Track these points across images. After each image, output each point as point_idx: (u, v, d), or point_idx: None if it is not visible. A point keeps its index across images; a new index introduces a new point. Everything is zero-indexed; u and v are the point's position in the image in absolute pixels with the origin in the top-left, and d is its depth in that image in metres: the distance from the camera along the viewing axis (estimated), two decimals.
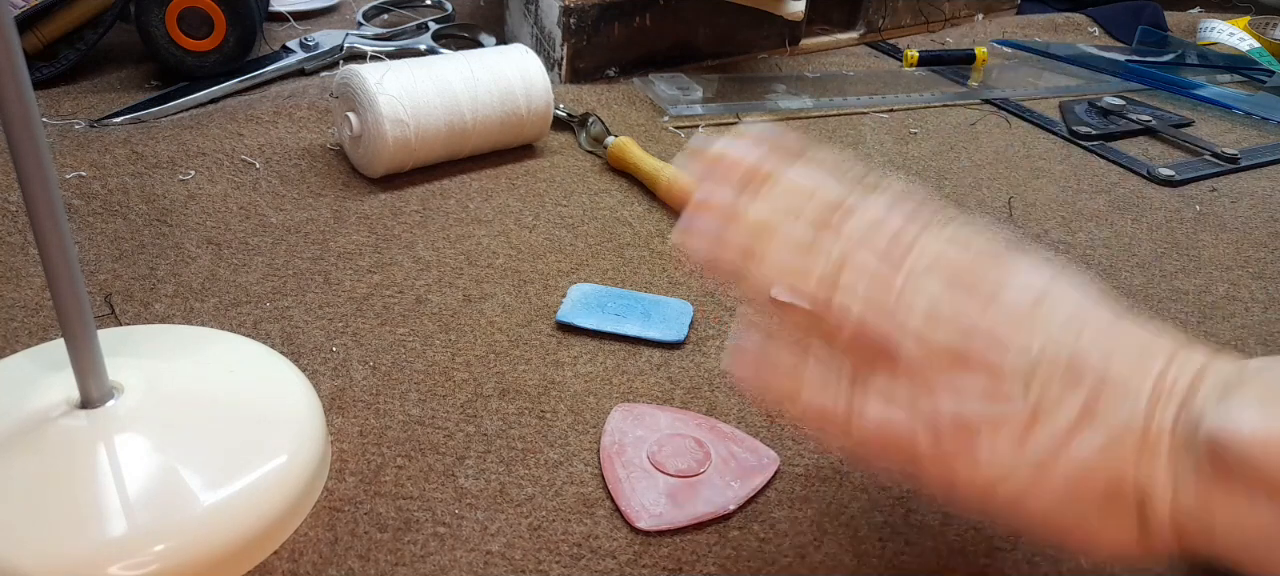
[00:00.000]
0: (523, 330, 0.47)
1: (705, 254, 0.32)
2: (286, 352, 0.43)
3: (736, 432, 0.41)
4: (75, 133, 0.63)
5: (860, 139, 0.73)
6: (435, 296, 0.49)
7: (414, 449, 0.39)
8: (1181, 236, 0.61)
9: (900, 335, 0.28)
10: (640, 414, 0.41)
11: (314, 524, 0.35)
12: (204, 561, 0.32)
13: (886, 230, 0.30)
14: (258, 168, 0.60)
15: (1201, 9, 1.16)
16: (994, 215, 0.62)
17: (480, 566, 0.34)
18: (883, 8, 0.97)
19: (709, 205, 0.32)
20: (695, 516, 0.36)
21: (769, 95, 0.79)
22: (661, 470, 0.38)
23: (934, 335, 0.28)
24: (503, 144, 0.64)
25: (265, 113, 0.66)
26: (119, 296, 0.47)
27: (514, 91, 0.62)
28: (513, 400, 0.42)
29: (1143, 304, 0.53)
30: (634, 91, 0.77)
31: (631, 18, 0.79)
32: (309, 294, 0.49)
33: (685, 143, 0.70)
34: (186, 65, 0.71)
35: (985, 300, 0.28)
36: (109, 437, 0.34)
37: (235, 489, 0.33)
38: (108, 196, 0.56)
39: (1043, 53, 0.97)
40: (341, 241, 0.54)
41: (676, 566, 0.35)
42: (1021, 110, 0.82)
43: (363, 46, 0.79)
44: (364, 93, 0.57)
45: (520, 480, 0.38)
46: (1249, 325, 0.52)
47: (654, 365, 0.45)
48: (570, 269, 0.52)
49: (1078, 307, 0.29)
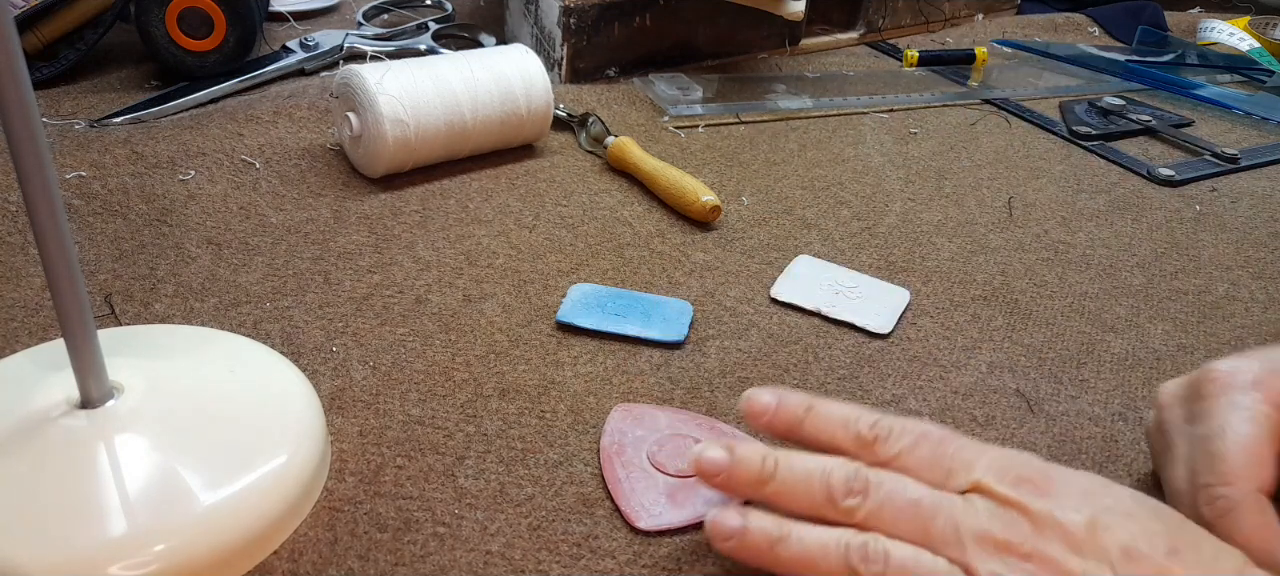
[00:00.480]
0: (523, 330, 0.47)
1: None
2: (286, 352, 0.43)
3: (736, 432, 0.41)
4: (75, 133, 0.63)
5: (860, 139, 0.73)
6: (435, 296, 0.49)
7: (414, 449, 0.39)
8: (1181, 236, 0.61)
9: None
10: (640, 414, 0.41)
11: (314, 524, 0.35)
12: (204, 561, 0.32)
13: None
14: (258, 168, 0.60)
15: (1201, 9, 1.16)
16: (994, 215, 0.62)
17: (480, 566, 0.34)
18: (883, 8, 0.97)
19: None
20: (695, 516, 0.36)
21: (769, 95, 0.79)
22: (661, 470, 0.38)
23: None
24: (503, 144, 0.64)
25: (265, 113, 0.66)
26: (119, 296, 0.48)
27: (514, 91, 0.62)
28: (513, 400, 0.42)
29: (1143, 304, 0.53)
30: (634, 91, 0.77)
31: (631, 18, 0.79)
32: (309, 294, 0.49)
33: (684, 142, 0.70)
34: (186, 65, 0.71)
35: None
36: (109, 437, 0.34)
37: (235, 489, 0.34)
38: (108, 196, 0.56)
39: (1043, 53, 0.97)
40: (341, 241, 0.54)
41: (676, 566, 0.35)
42: (1021, 110, 0.82)
43: (363, 46, 0.79)
44: (364, 93, 0.57)
45: (520, 480, 0.38)
46: (1249, 325, 0.52)
47: (654, 365, 0.45)
48: (570, 269, 0.52)
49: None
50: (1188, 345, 0.50)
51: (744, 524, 0.32)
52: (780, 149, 0.70)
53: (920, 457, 0.33)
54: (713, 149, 0.69)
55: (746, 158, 0.68)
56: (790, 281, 0.52)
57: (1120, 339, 0.50)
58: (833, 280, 0.52)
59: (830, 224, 0.59)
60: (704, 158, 0.67)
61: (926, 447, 0.33)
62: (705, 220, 0.58)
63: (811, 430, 0.35)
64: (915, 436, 0.33)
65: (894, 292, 0.52)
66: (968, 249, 0.57)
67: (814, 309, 0.50)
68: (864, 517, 0.31)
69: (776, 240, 0.57)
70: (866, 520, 0.31)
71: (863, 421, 0.34)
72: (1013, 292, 0.53)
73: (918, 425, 0.34)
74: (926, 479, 0.32)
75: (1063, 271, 0.56)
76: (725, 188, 0.63)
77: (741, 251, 0.55)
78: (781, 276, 0.52)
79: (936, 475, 0.32)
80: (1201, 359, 0.48)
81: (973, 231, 0.60)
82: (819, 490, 0.32)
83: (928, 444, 0.33)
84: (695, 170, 0.64)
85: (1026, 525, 0.30)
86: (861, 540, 0.31)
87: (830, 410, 0.35)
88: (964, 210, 0.62)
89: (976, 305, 0.52)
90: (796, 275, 0.52)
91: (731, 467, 0.34)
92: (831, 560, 0.31)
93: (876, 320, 0.49)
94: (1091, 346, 0.49)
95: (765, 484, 0.33)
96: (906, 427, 0.34)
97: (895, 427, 0.34)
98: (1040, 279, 0.55)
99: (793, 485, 0.33)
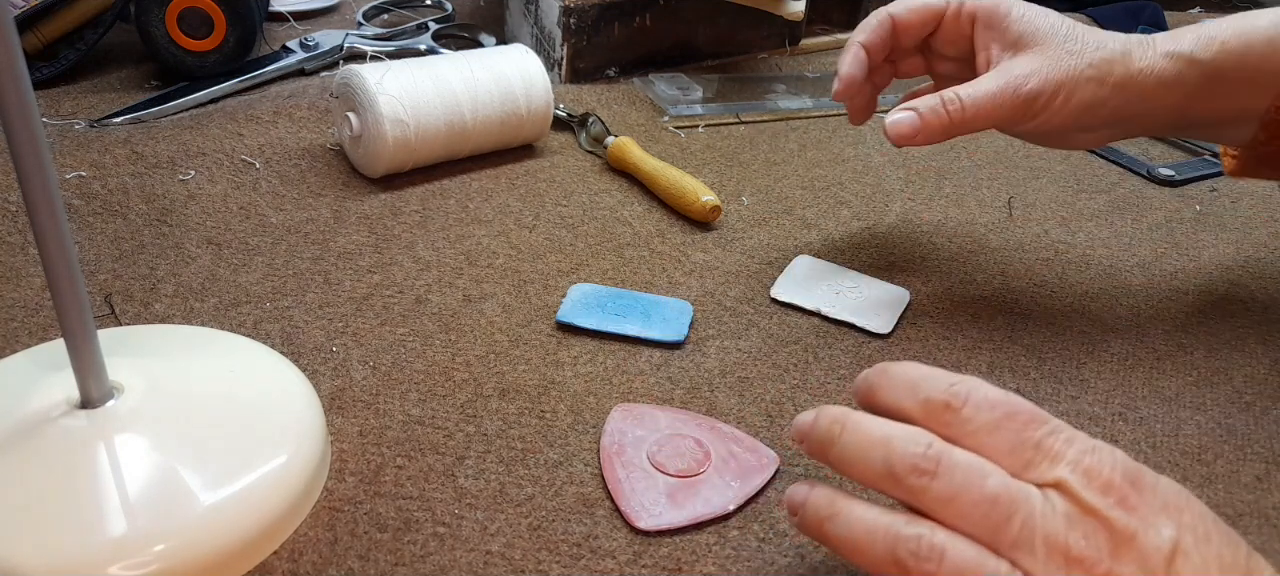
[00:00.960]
0: (523, 330, 0.47)
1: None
2: (286, 352, 0.43)
3: (736, 432, 0.41)
4: (75, 133, 0.63)
5: (860, 139, 0.73)
6: (435, 296, 0.49)
7: (414, 449, 0.39)
8: (1181, 236, 0.61)
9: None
10: (640, 414, 0.41)
11: (314, 524, 0.35)
12: (204, 561, 0.32)
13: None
14: (258, 168, 0.60)
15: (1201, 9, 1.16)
16: (994, 215, 0.62)
17: (480, 566, 0.34)
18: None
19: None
20: (695, 516, 0.36)
21: (769, 95, 0.79)
22: (661, 470, 0.38)
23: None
24: (503, 144, 0.64)
25: (265, 113, 0.66)
26: (119, 296, 0.48)
27: (514, 91, 0.62)
28: (513, 400, 0.42)
29: (1143, 304, 0.53)
30: (634, 91, 0.77)
31: (631, 18, 0.79)
32: (309, 294, 0.49)
33: (684, 142, 0.70)
34: (186, 65, 0.71)
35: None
36: (109, 437, 0.34)
37: (235, 489, 0.34)
38: (108, 196, 0.56)
39: None
40: (341, 241, 0.54)
41: (676, 566, 0.35)
42: None
43: (363, 46, 0.79)
44: (364, 93, 0.57)
45: (520, 480, 0.38)
46: (1249, 325, 0.52)
47: (654, 365, 0.45)
48: (570, 269, 0.52)
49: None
50: (1187, 345, 0.50)
51: (805, 498, 0.31)
52: (780, 149, 0.70)
53: (999, 443, 0.29)
54: (713, 149, 0.69)
55: (746, 158, 0.68)
56: (790, 281, 0.52)
57: (1120, 339, 0.50)
58: (833, 280, 0.52)
59: (830, 224, 0.59)
60: (704, 158, 0.67)
61: (1009, 433, 0.29)
62: (705, 220, 0.58)
63: (881, 396, 0.32)
64: (998, 415, 0.29)
65: (894, 293, 0.52)
66: (968, 249, 0.57)
67: (814, 309, 0.50)
68: (930, 503, 0.28)
69: (776, 240, 0.57)
70: (932, 507, 0.28)
71: (936, 384, 0.30)
72: (1013, 293, 0.53)
73: (1002, 399, 0.30)
74: (1004, 465, 0.29)
75: (1063, 271, 0.56)
76: (725, 188, 0.63)
77: (741, 251, 0.55)
78: (781, 276, 0.52)
79: (1015, 463, 0.29)
80: (1201, 359, 0.48)
81: (973, 231, 0.60)
82: (878, 463, 0.29)
83: (1011, 428, 0.29)
84: (695, 170, 0.64)
85: (1105, 542, 0.27)
86: (914, 532, 0.28)
87: (899, 372, 0.32)
88: (964, 210, 0.62)
89: (976, 305, 0.52)
90: (796, 275, 0.52)
91: (810, 430, 0.31)
92: (878, 550, 0.28)
93: (877, 320, 0.49)
94: (1091, 346, 0.49)
95: (830, 448, 0.31)
96: (989, 400, 0.30)
97: (974, 396, 0.30)
98: (1040, 279, 0.55)
99: (853, 454, 0.30)
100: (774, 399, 0.43)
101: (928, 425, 0.30)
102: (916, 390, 0.31)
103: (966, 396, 0.30)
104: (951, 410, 0.30)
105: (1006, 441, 0.29)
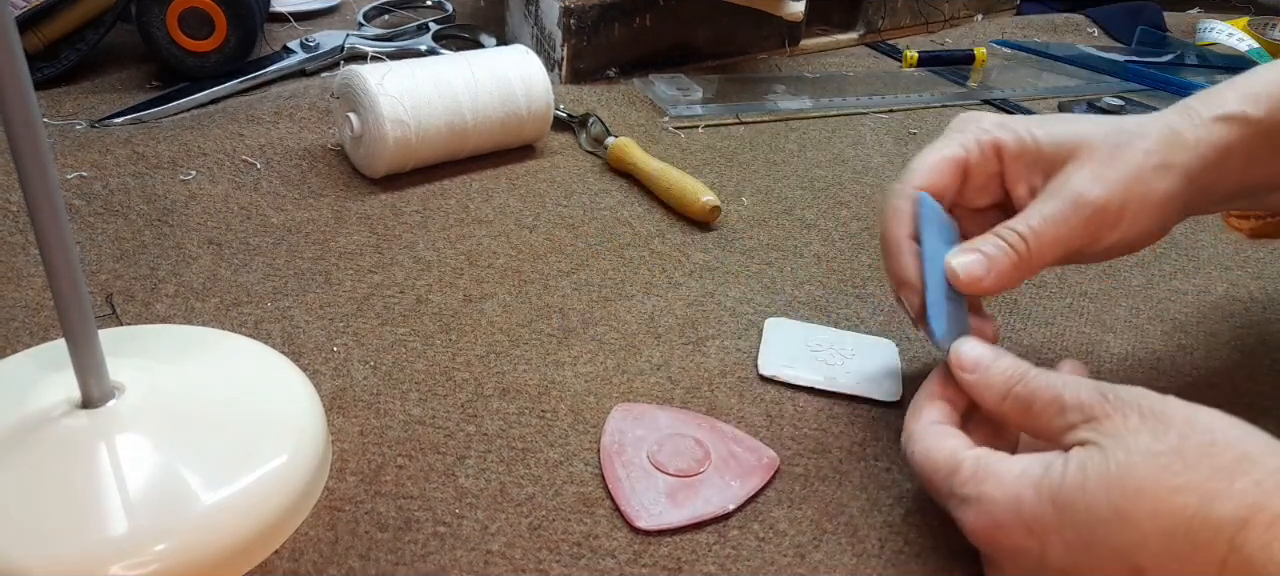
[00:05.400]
0: (523, 330, 0.47)
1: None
2: (287, 352, 0.43)
3: (736, 432, 0.41)
4: (76, 133, 0.63)
5: (860, 139, 0.73)
6: (436, 296, 0.49)
7: (414, 448, 0.39)
8: (1181, 236, 0.61)
9: None
10: (640, 413, 0.41)
11: (314, 523, 0.35)
12: (205, 560, 0.32)
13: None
14: (259, 168, 0.60)
15: (1201, 9, 1.16)
16: None
17: (480, 565, 0.34)
18: (882, 8, 0.97)
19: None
20: (695, 516, 0.36)
21: (769, 96, 0.79)
22: (661, 470, 0.38)
23: None
24: (503, 144, 0.64)
25: (266, 113, 0.66)
26: (120, 296, 0.48)
27: (514, 92, 0.62)
28: (513, 400, 0.42)
29: (1143, 304, 0.53)
30: (634, 92, 0.77)
31: (631, 18, 0.79)
32: (310, 294, 0.49)
33: (684, 143, 0.70)
34: (187, 65, 0.71)
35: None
36: (110, 437, 0.34)
37: (236, 488, 0.34)
38: (109, 196, 0.56)
39: (1042, 53, 0.97)
40: (342, 241, 0.54)
41: (676, 566, 0.35)
42: (1021, 110, 0.82)
43: (363, 47, 0.80)
44: (365, 93, 0.57)
45: (520, 480, 0.38)
46: (1249, 325, 0.52)
47: (654, 365, 0.45)
48: (570, 269, 0.53)
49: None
50: (1187, 345, 0.50)
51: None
52: (780, 149, 0.70)
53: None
54: (713, 149, 0.69)
55: (746, 158, 0.68)
56: (772, 353, 0.46)
57: (1120, 339, 0.50)
58: (813, 344, 0.47)
59: (830, 224, 0.60)
60: (704, 158, 0.68)
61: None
62: (705, 220, 0.58)
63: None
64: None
65: (881, 346, 0.47)
66: None
67: (809, 385, 0.44)
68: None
69: (776, 240, 0.57)
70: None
71: (1083, 391, 0.32)
72: (1012, 293, 0.53)
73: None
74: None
75: (1062, 271, 0.56)
76: (725, 188, 0.63)
77: (741, 251, 0.56)
78: (762, 347, 0.47)
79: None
80: (1201, 359, 0.49)
81: None
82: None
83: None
84: (695, 171, 0.64)
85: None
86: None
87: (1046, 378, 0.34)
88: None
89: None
90: (772, 344, 0.47)
91: (989, 366, 0.35)
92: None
93: (882, 388, 0.44)
94: (1091, 346, 0.49)
95: (1003, 400, 0.34)
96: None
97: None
98: (1040, 279, 0.55)
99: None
100: (774, 399, 0.43)
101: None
102: (1064, 413, 0.33)
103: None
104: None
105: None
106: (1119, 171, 0.38)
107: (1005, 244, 0.38)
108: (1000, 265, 0.38)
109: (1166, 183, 0.38)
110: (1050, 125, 0.40)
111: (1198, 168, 0.38)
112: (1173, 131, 0.38)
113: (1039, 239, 0.38)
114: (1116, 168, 0.38)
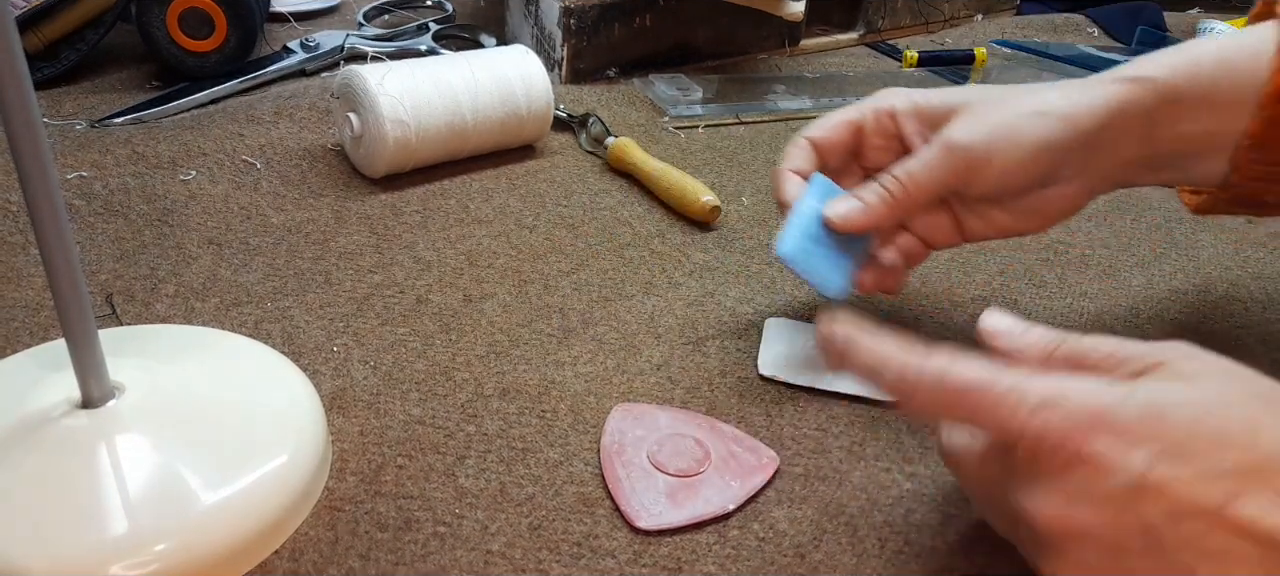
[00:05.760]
0: (523, 330, 0.47)
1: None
2: (287, 352, 0.43)
3: (736, 432, 0.41)
4: (76, 133, 0.63)
5: None
6: (436, 296, 0.49)
7: (414, 448, 0.39)
8: (1181, 236, 0.61)
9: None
10: (640, 414, 0.41)
11: (314, 523, 0.35)
12: (205, 560, 0.32)
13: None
14: (259, 168, 0.60)
15: (1201, 9, 1.16)
16: None
17: (480, 565, 0.34)
18: (882, 8, 0.97)
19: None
20: (695, 516, 0.36)
21: (769, 96, 0.79)
22: (661, 470, 0.38)
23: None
24: (503, 144, 0.64)
25: (266, 113, 0.66)
26: (120, 296, 0.48)
27: (514, 92, 0.62)
28: (513, 400, 0.42)
29: (1143, 304, 0.53)
30: (634, 92, 0.77)
31: (631, 18, 0.79)
32: (310, 294, 0.49)
33: (684, 143, 0.70)
34: (187, 65, 0.71)
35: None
36: (110, 437, 0.34)
37: (236, 488, 0.34)
38: (109, 196, 0.56)
39: (1042, 53, 0.97)
40: (342, 241, 0.54)
41: (676, 566, 0.35)
42: None
43: (363, 47, 0.80)
44: (365, 93, 0.57)
45: (520, 480, 0.38)
46: (1249, 325, 0.52)
47: (654, 365, 0.45)
48: (570, 269, 0.53)
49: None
50: None
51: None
52: (780, 149, 0.70)
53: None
54: (712, 149, 0.69)
55: (746, 158, 0.68)
56: (772, 354, 0.46)
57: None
58: (812, 343, 0.46)
59: None
60: (704, 158, 0.68)
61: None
62: (705, 220, 0.58)
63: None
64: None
65: None
66: (967, 249, 0.57)
67: (809, 385, 0.44)
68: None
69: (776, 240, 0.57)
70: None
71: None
72: (1013, 293, 0.53)
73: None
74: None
75: (1063, 271, 0.56)
76: (725, 188, 0.63)
77: (741, 251, 0.56)
78: (762, 347, 0.47)
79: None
80: None
81: None
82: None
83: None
84: (695, 171, 0.64)
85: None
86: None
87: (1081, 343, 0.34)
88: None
89: (977, 305, 0.52)
90: (772, 344, 0.47)
91: (1023, 333, 0.36)
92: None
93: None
94: None
95: (1046, 360, 0.34)
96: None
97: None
98: (1040, 279, 0.55)
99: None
100: (774, 399, 0.43)
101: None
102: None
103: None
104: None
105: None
106: (990, 119, 0.41)
107: (882, 189, 0.43)
108: (876, 208, 0.43)
109: (1041, 127, 0.40)
110: (947, 92, 0.44)
111: (1089, 123, 0.40)
112: (1062, 90, 0.41)
113: (914, 180, 0.42)
114: (988, 116, 0.41)
